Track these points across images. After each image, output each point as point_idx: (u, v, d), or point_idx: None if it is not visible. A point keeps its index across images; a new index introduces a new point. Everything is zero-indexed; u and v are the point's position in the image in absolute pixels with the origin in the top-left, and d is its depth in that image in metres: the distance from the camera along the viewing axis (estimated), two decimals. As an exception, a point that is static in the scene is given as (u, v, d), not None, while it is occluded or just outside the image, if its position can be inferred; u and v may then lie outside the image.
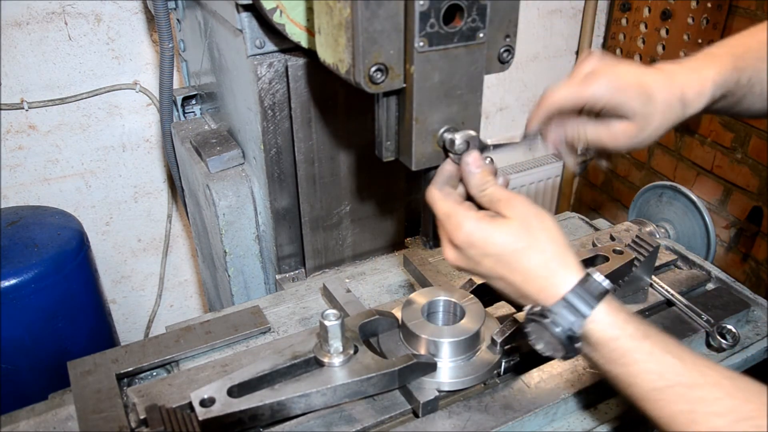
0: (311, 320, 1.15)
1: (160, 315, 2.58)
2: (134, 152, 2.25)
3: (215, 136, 1.45)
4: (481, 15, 0.80)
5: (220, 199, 1.31)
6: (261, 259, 1.41)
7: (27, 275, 1.71)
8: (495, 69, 0.88)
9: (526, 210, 0.78)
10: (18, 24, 1.91)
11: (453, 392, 0.94)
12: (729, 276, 1.22)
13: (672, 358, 0.71)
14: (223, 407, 0.81)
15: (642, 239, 1.11)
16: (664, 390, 0.70)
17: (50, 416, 0.93)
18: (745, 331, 1.09)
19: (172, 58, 1.62)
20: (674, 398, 0.69)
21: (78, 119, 2.11)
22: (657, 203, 1.52)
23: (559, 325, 0.74)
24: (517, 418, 0.88)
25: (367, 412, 0.89)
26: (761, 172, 2.23)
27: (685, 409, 0.68)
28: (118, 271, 2.43)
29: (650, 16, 2.56)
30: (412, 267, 1.21)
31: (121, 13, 2.02)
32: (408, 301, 0.99)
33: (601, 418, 0.93)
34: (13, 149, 2.06)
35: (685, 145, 2.54)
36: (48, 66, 2.00)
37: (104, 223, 2.32)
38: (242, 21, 1.13)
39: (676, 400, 0.69)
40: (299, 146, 1.23)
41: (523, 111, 2.89)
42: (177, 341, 1.04)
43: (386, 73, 0.79)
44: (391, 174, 1.33)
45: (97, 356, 0.99)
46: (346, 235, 1.38)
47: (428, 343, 0.93)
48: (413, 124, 0.84)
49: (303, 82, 1.17)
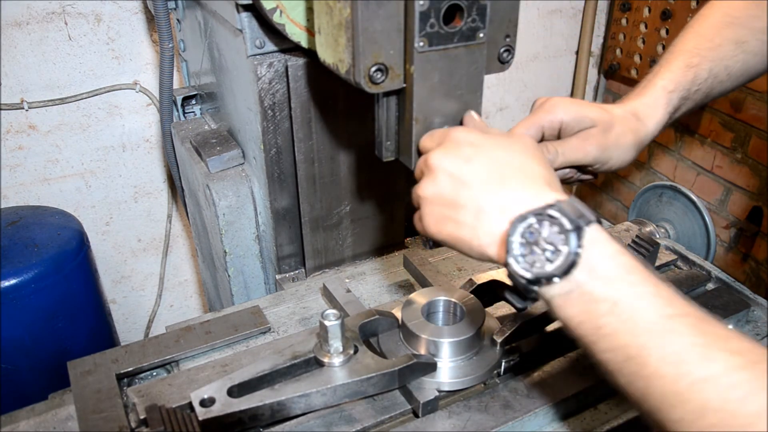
0: (311, 320, 1.15)
1: (160, 315, 2.58)
2: (134, 152, 2.25)
3: (215, 136, 1.45)
4: (481, 15, 0.80)
5: (220, 199, 1.31)
6: (261, 259, 1.41)
7: (27, 275, 1.71)
8: (495, 69, 0.88)
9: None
10: (18, 24, 1.91)
11: (453, 392, 0.94)
12: (729, 276, 1.22)
13: (674, 291, 0.62)
14: (223, 407, 0.81)
15: (642, 239, 1.11)
16: (674, 318, 0.59)
17: (50, 416, 0.93)
18: (745, 331, 1.09)
19: (172, 58, 1.62)
20: (685, 329, 0.58)
21: (78, 119, 2.11)
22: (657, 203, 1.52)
23: (566, 215, 0.63)
24: (517, 418, 0.88)
25: (367, 412, 0.89)
26: (761, 172, 2.23)
27: (699, 342, 0.57)
28: (118, 271, 2.43)
29: (650, 16, 2.56)
30: (412, 267, 1.21)
31: (121, 13, 2.02)
32: (408, 301, 0.99)
33: (601, 419, 0.93)
34: (13, 149, 2.06)
35: (685, 145, 2.54)
36: (48, 66, 2.00)
37: (104, 223, 2.32)
38: (242, 21, 1.13)
39: (687, 331, 0.58)
40: (299, 146, 1.23)
41: (523, 111, 2.89)
42: (177, 341, 1.04)
43: (386, 73, 0.79)
44: (391, 174, 1.33)
45: (97, 356, 0.99)
46: (346, 235, 1.38)
47: (428, 343, 0.93)
48: (413, 124, 0.84)
49: (303, 82, 1.17)
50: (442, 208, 0.72)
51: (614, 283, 0.62)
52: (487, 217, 0.68)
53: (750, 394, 0.53)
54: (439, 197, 0.73)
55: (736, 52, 0.95)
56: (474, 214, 0.69)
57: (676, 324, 0.59)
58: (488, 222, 0.68)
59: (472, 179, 0.70)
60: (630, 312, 0.60)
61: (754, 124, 2.24)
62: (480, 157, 0.71)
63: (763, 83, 2.10)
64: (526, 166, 0.71)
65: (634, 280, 0.62)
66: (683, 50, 0.95)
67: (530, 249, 0.64)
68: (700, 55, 0.94)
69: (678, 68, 0.94)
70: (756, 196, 2.28)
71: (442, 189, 0.72)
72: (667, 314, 0.60)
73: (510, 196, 0.68)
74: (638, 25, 2.63)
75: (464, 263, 1.30)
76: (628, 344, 0.60)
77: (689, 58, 0.94)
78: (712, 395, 0.54)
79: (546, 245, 0.63)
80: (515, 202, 0.67)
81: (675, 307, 0.60)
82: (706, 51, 0.94)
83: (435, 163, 0.73)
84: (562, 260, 0.62)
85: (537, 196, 0.67)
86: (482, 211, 0.69)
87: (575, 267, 0.62)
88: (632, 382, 0.60)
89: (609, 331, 0.61)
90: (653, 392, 0.58)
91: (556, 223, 0.63)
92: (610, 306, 0.61)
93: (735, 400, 0.53)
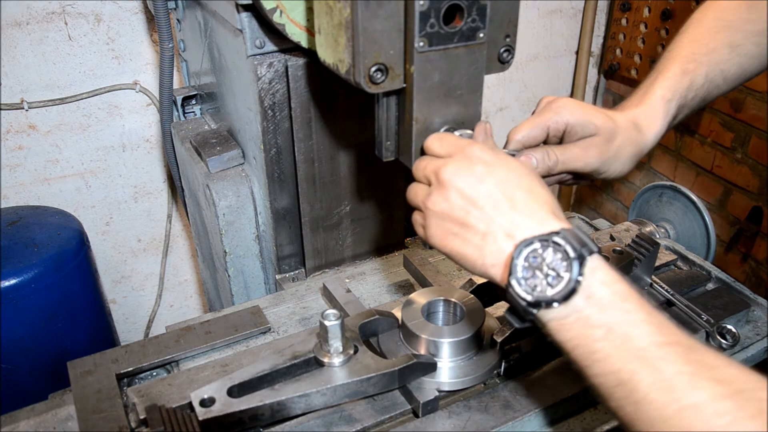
0: (311, 320, 1.15)
1: (160, 315, 2.58)
2: (134, 152, 2.25)
3: (215, 136, 1.45)
4: (481, 15, 0.80)
5: (220, 199, 1.31)
6: (261, 259, 1.41)
7: (27, 275, 1.71)
8: (495, 69, 0.88)
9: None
10: (18, 24, 1.91)
11: (453, 392, 0.94)
12: (729, 276, 1.22)
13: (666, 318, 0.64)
14: (223, 407, 0.81)
15: (642, 239, 1.11)
16: (664, 346, 0.60)
17: (50, 416, 0.93)
18: (745, 331, 1.09)
19: (172, 58, 1.62)
20: (674, 358, 0.60)
21: (78, 119, 2.11)
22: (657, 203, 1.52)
23: (570, 243, 0.65)
24: (517, 418, 0.88)
25: (367, 412, 0.89)
26: (761, 172, 2.23)
27: (686, 371, 0.58)
28: (118, 271, 2.43)
29: (650, 16, 2.56)
30: (412, 267, 1.21)
31: (121, 13, 2.02)
32: (408, 301, 0.99)
33: (601, 418, 0.93)
34: (13, 149, 2.06)
35: (685, 145, 2.54)
36: (48, 66, 2.00)
37: (104, 223, 2.32)
38: (242, 21, 1.13)
39: (675, 360, 0.59)
40: (299, 146, 1.23)
41: (523, 111, 2.89)
42: (177, 341, 1.04)
43: (386, 73, 0.79)
44: (391, 174, 1.33)
45: (97, 356, 0.99)
46: (346, 235, 1.38)
47: (428, 343, 0.93)
48: (413, 124, 0.84)
49: (303, 82, 1.17)
50: (450, 225, 0.73)
51: (609, 310, 0.64)
52: (493, 239, 0.70)
53: (734, 422, 0.54)
54: (449, 214, 0.73)
55: (731, 56, 0.95)
56: (482, 235, 0.71)
57: (666, 352, 0.61)
58: (495, 244, 0.70)
59: (484, 201, 0.71)
60: (623, 338, 0.62)
61: (754, 124, 2.24)
62: (492, 178, 0.72)
63: (763, 83, 2.10)
64: (534, 191, 0.72)
65: (629, 307, 0.64)
66: (679, 56, 0.96)
67: (532, 273, 0.66)
68: (696, 60, 0.94)
69: (674, 75, 0.94)
70: (756, 196, 2.28)
71: (452, 207, 0.73)
72: (658, 342, 0.61)
73: (518, 220, 0.70)
74: (638, 25, 2.63)
75: (464, 263, 1.30)
76: (621, 369, 0.61)
77: (685, 64, 0.94)
78: (697, 422, 0.56)
79: (548, 270, 0.65)
80: (522, 227, 0.69)
81: (666, 334, 0.62)
82: (702, 56, 0.95)
83: (447, 178, 0.73)
84: (563, 286, 0.64)
85: (543, 222, 0.69)
86: (490, 234, 0.70)
87: (575, 293, 0.64)
88: (623, 406, 0.62)
89: (602, 356, 0.63)
90: (642, 417, 0.60)
91: (560, 250, 0.65)
92: (605, 332, 0.63)
93: (719, 426, 0.55)
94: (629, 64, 2.72)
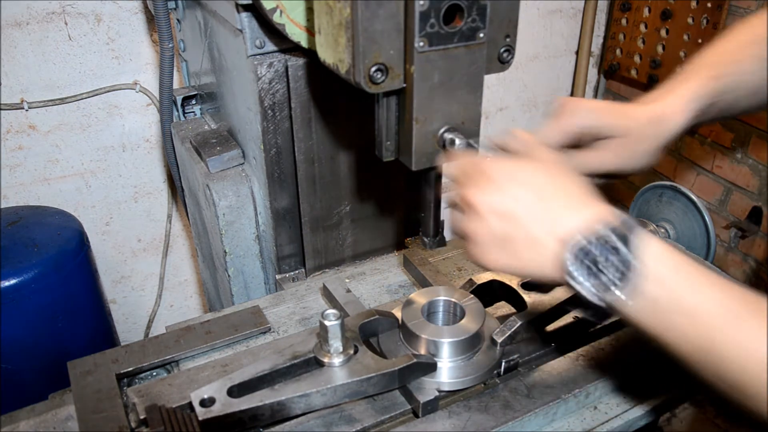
0: (311, 320, 1.15)
1: (160, 315, 2.58)
2: (134, 152, 2.25)
3: (215, 136, 1.45)
4: (481, 15, 0.80)
5: (220, 199, 1.31)
6: (261, 259, 1.41)
7: (27, 275, 1.71)
8: (495, 69, 0.89)
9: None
10: (18, 24, 1.91)
11: (453, 392, 0.94)
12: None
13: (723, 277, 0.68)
14: (223, 407, 0.81)
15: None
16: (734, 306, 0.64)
17: (50, 416, 0.93)
18: (745, 331, 1.09)
19: (172, 58, 1.62)
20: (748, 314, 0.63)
21: (78, 119, 2.11)
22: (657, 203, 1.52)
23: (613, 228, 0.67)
24: (517, 418, 0.88)
25: (367, 412, 0.89)
26: (761, 172, 2.23)
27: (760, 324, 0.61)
28: (118, 271, 2.43)
29: (650, 16, 2.56)
30: (412, 267, 1.21)
31: (121, 13, 2.03)
32: (408, 301, 0.99)
33: (601, 418, 0.93)
34: (13, 149, 2.06)
35: (685, 145, 2.54)
36: (48, 66, 2.00)
37: (104, 223, 2.32)
38: (242, 21, 1.13)
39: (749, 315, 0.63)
40: (299, 146, 1.23)
41: (523, 111, 2.89)
42: (177, 341, 1.04)
43: (386, 73, 0.80)
44: (391, 174, 1.33)
45: (97, 356, 0.99)
46: (346, 235, 1.38)
47: (428, 343, 0.93)
48: (413, 124, 0.84)
49: (303, 82, 1.17)
50: (498, 245, 0.74)
51: (672, 283, 0.66)
52: (541, 245, 0.71)
53: None
54: (491, 236, 0.74)
55: (759, 68, 0.94)
56: (528, 245, 0.72)
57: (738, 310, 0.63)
58: (543, 249, 0.71)
59: (520, 213, 0.72)
60: (694, 308, 0.65)
61: (754, 124, 2.24)
62: (521, 188, 0.73)
63: (763, 83, 2.10)
64: (558, 180, 0.74)
65: (690, 276, 0.66)
66: (706, 64, 0.94)
67: (587, 268, 0.68)
68: (722, 69, 0.93)
69: (699, 79, 0.92)
70: (756, 196, 2.28)
71: (492, 229, 0.74)
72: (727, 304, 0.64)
73: (556, 220, 0.71)
74: (638, 25, 2.63)
75: (464, 263, 1.30)
76: (699, 336, 0.64)
77: (710, 71, 0.93)
78: None
79: (602, 261, 0.67)
80: (560, 221, 0.70)
81: (732, 293, 0.64)
82: (729, 65, 0.93)
83: (478, 202, 0.74)
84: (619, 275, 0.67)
85: (579, 209, 0.71)
86: (535, 242, 0.72)
87: (633, 277, 0.66)
88: (705, 368, 0.65)
89: (678, 329, 0.66)
90: (727, 376, 0.63)
91: (604, 237, 0.67)
92: (675, 306, 0.65)
93: None
94: (629, 64, 2.72)
